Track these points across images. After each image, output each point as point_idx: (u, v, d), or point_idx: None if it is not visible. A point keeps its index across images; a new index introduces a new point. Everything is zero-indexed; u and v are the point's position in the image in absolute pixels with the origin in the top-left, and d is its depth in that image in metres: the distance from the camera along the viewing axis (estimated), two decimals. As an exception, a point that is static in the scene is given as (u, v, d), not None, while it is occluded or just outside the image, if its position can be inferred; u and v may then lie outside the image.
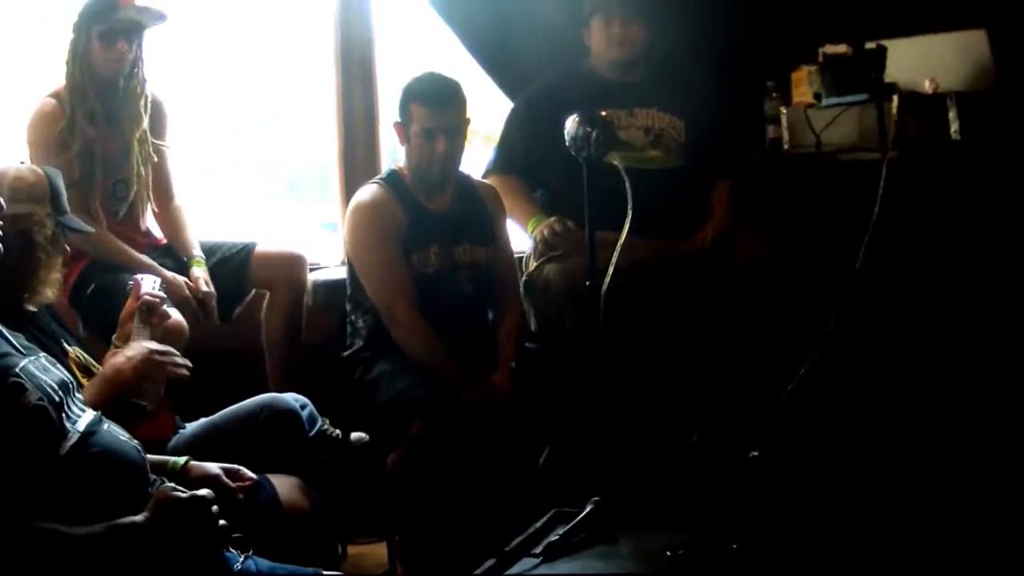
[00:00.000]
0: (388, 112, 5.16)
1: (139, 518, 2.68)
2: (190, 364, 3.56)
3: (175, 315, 4.20)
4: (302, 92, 5.67)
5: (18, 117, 4.67)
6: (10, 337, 2.85)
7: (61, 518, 2.60)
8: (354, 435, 4.57)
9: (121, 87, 4.65)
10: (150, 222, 4.88)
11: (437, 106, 4.50)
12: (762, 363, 4.68)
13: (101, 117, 4.61)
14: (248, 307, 4.94)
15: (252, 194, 5.68)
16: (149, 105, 4.72)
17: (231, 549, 2.89)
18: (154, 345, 3.55)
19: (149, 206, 4.81)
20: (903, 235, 4.63)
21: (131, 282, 3.86)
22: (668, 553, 2.97)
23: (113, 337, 3.75)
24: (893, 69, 4.79)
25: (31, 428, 2.64)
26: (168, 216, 4.87)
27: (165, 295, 3.89)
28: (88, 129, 4.56)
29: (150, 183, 4.78)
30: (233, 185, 5.61)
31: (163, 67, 4.79)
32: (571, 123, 4.04)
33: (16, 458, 2.60)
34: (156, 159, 4.80)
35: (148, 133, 4.74)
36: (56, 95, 4.57)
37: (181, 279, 4.61)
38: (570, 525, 3.23)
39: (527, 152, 5.06)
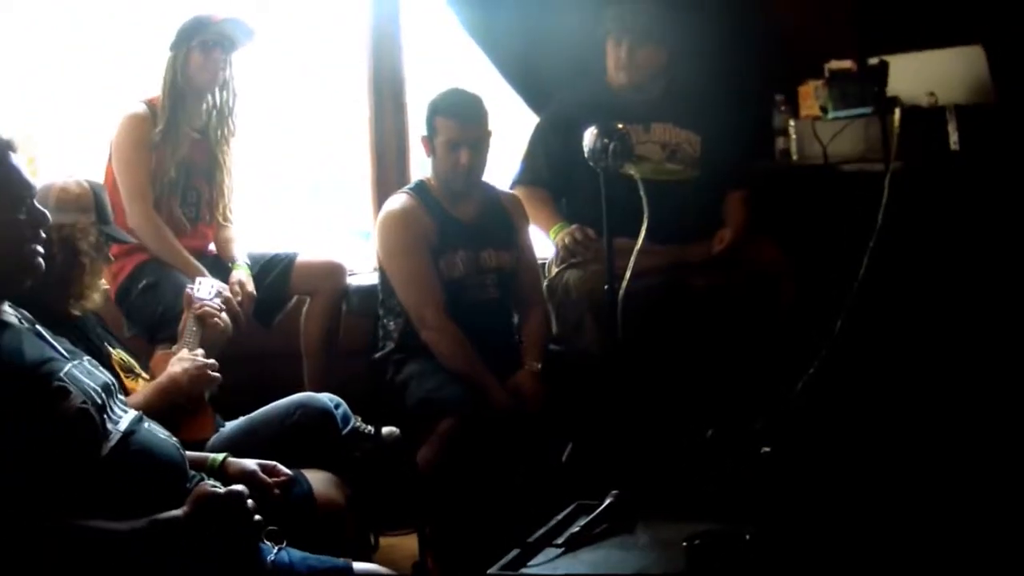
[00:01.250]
0: (417, 125, 5.12)
1: (178, 512, 2.64)
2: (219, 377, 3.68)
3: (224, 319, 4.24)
4: (337, 107, 5.67)
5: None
6: (54, 342, 2.81)
7: (104, 514, 2.57)
8: (385, 430, 4.54)
9: (213, 102, 4.71)
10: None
11: (461, 119, 4.49)
12: (773, 364, 4.64)
13: (196, 127, 4.68)
14: (288, 313, 4.93)
15: (288, 203, 5.65)
16: (237, 120, 4.80)
17: (265, 541, 2.84)
18: (209, 361, 3.65)
19: (219, 219, 4.84)
20: (906, 241, 4.57)
21: (189, 288, 3.93)
22: (684, 543, 2.90)
23: (173, 347, 3.81)
24: (895, 83, 4.77)
25: (75, 430, 2.61)
26: (223, 230, 4.87)
27: (220, 302, 3.95)
28: (189, 135, 4.64)
29: (226, 193, 4.83)
30: (271, 194, 5.57)
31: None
32: (589, 135, 4.06)
33: (61, 459, 2.57)
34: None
35: (237, 148, 4.82)
36: (149, 103, 4.63)
37: (224, 285, 4.52)
38: (591, 517, 3.21)
39: (550, 165, 5.02)
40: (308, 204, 5.72)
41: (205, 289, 3.87)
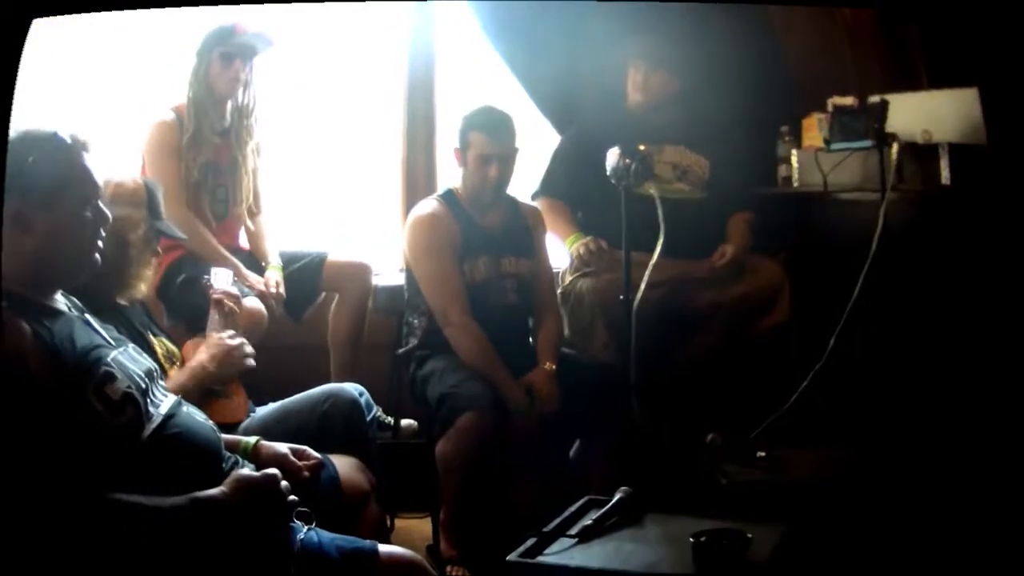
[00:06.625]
0: (447, 136, 5.15)
1: (216, 492, 2.68)
2: (254, 354, 3.68)
3: (253, 304, 4.33)
4: (371, 119, 5.60)
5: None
6: (101, 330, 2.82)
7: (146, 492, 2.58)
8: (404, 422, 4.63)
9: (234, 105, 4.65)
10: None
11: (494, 136, 4.44)
12: (770, 376, 4.59)
13: (218, 130, 4.62)
14: (318, 308, 4.90)
15: (322, 206, 5.58)
16: (258, 121, 4.74)
17: (296, 520, 2.82)
18: (230, 339, 3.64)
19: (246, 213, 4.79)
20: (897, 266, 4.54)
21: (205, 278, 3.90)
22: (691, 539, 2.88)
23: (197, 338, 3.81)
24: (893, 120, 4.71)
25: (120, 413, 2.62)
26: (255, 226, 4.85)
27: (237, 290, 3.92)
28: (211, 139, 4.59)
29: (253, 192, 4.79)
30: (308, 199, 5.52)
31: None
32: (612, 155, 4.09)
33: (106, 439, 2.59)
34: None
35: (258, 146, 4.77)
36: (176, 110, 4.59)
37: (258, 277, 4.62)
38: (602, 511, 3.18)
39: (571, 180, 4.96)
40: (341, 207, 5.62)
41: (221, 279, 3.85)
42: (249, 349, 3.68)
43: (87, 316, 2.83)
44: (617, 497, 3.21)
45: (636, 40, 4.96)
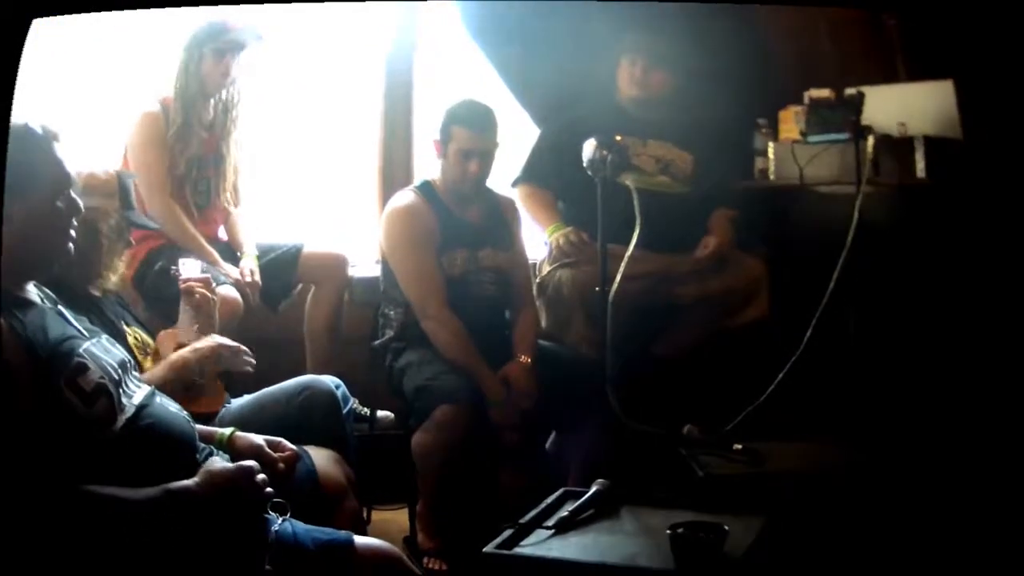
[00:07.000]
0: (425, 126, 5.16)
1: (190, 483, 2.66)
2: (254, 361, 3.68)
3: (229, 293, 4.29)
4: (349, 110, 5.58)
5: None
6: (74, 321, 2.82)
7: (119, 483, 2.57)
8: (380, 413, 4.64)
9: (218, 99, 4.63)
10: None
11: (476, 130, 4.41)
12: (748, 369, 4.55)
13: (204, 124, 4.59)
14: (294, 301, 4.87)
15: (301, 198, 5.55)
16: (241, 114, 4.72)
17: (270, 512, 2.80)
18: (224, 340, 3.63)
19: (226, 204, 4.77)
20: (873, 259, 4.52)
21: (173, 268, 3.89)
22: (668, 531, 2.84)
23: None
24: (869, 113, 4.72)
25: (93, 404, 2.62)
26: (231, 217, 4.81)
27: (210, 277, 3.89)
28: (199, 133, 4.57)
29: (234, 184, 4.77)
30: (285, 190, 5.52)
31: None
32: (589, 147, 4.05)
33: (79, 431, 2.58)
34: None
35: (241, 139, 4.75)
36: (163, 103, 4.56)
37: (234, 267, 4.59)
38: (578, 503, 3.16)
39: (555, 169, 4.92)
40: (317, 198, 5.59)
41: (189, 268, 3.82)
42: (249, 356, 3.67)
43: (60, 307, 2.82)
44: (594, 489, 3.20)
45: (636, 35, 4.93)
